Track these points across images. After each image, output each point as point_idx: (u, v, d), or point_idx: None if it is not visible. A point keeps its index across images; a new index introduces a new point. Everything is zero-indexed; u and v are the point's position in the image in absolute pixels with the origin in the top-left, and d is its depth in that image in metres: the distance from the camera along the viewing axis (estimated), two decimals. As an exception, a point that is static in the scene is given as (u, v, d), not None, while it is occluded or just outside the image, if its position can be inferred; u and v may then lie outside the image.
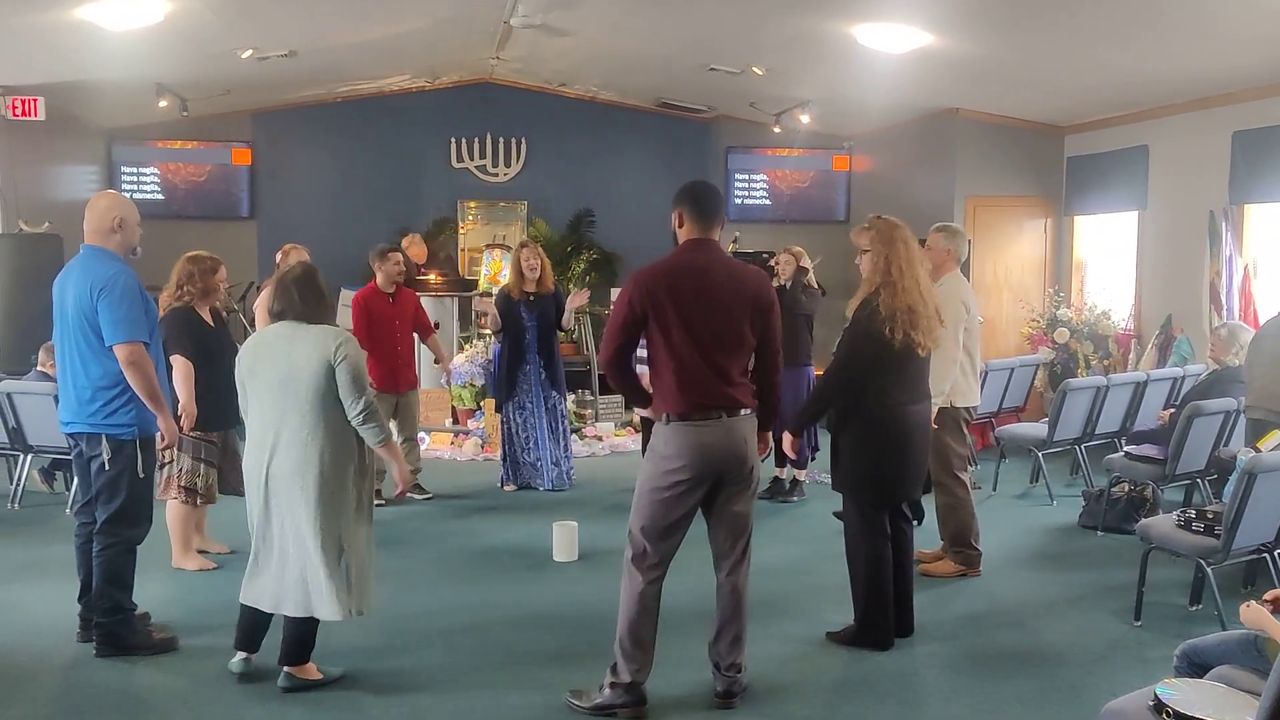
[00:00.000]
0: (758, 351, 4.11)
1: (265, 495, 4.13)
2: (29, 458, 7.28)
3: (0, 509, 6.98)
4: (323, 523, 4.05)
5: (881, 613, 4.65)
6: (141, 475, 4.57)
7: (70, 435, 4.64)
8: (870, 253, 4.65)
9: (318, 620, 4.15)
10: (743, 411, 4.01)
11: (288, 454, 4.06)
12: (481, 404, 9.29)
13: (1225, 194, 8.17)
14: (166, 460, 5.56)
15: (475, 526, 6.86)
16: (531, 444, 7.77)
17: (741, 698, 4.14)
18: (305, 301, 4.18)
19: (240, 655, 4.32)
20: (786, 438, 4.85)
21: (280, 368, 4.09)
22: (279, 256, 6.49)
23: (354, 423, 4.11)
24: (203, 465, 5.67)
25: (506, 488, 7.79)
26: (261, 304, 6.28)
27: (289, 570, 4.10)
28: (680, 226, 4.06)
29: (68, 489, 7.30)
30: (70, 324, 4.50)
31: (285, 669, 4.20)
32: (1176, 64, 7.73)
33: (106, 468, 4.49)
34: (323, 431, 4.06)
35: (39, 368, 7.56)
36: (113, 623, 4.54)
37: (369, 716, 4.03)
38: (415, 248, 10.93)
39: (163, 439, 4.66)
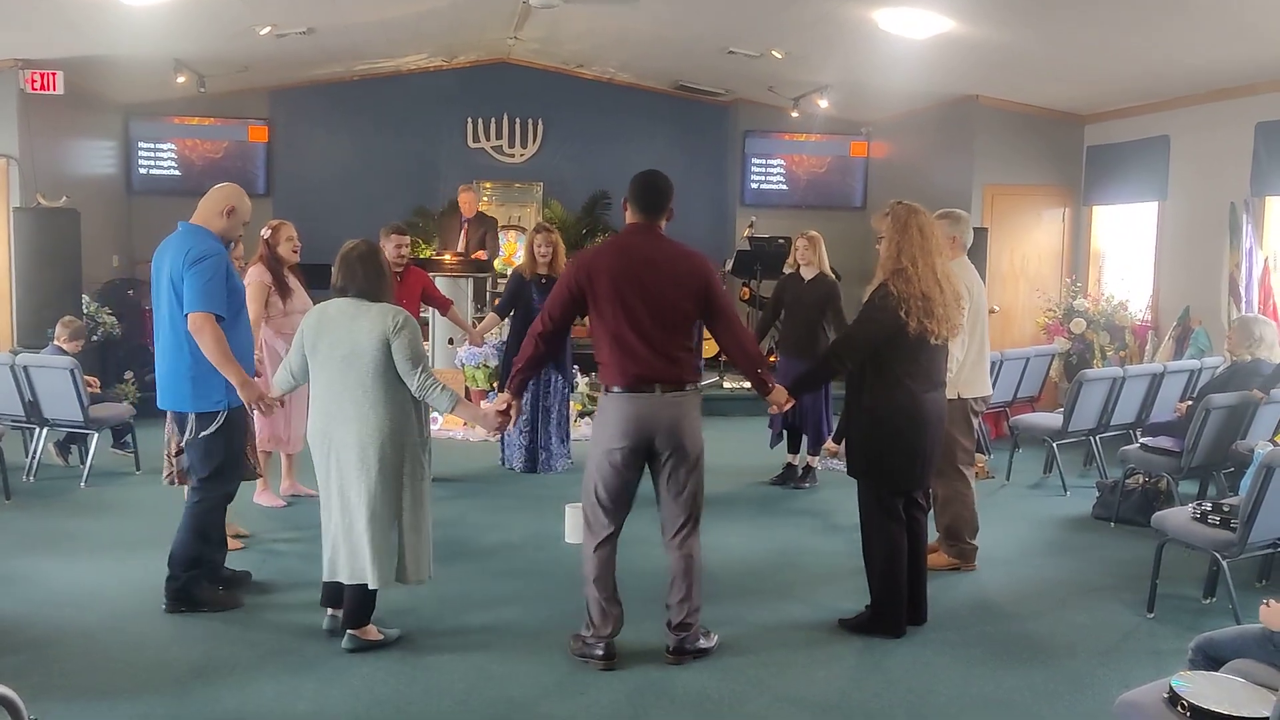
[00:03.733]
0: (712, 324, 4.30)
1: (329, 466, 4.29)
2: (44, 431, 7.33)
3: (15, 482, 7.01)
4: (380, 493, 4.22)
5: (895, 600, 4.65)
6: (231, 441, 4.74)
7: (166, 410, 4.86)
8: (885, 239, 4.64)
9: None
10: (686, 387, 4.20)
11: (349, 427, 4.22)
12: (494, 385, 9.29)
13: (1247, 186, 8.12)
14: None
15: (486, 507, 6.87)
16: (529, 426, 7.80)
17: (696, 657, 4.33)
18: (368, 278, 4.33)
19: (329, 612, 4.54)
20: (780, 393, 4.59)
21: (342, 344, 4.24)
22: (267, 232, 6.38)
23: (417, 394, 4.26)
24: None
25: (516, 467, 7.85)
26: (252, 283, 6.18)
27: (344, 537, 4.27)
28: (626, 212, 4.39)
29: (82, 462, 7.34)
30: (164, 299, 4.61)
31: (348, 631, 4.39)
32: (1200, 54, 7.66)
33: (198, 438, 4.67)
34: (383, 406, 4.22)
35: (55, 342, 7.58)
36: (189, 578, 4.71)
37: (392, 689, 4.05)
38: (466, 194, 10.90)
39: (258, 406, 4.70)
